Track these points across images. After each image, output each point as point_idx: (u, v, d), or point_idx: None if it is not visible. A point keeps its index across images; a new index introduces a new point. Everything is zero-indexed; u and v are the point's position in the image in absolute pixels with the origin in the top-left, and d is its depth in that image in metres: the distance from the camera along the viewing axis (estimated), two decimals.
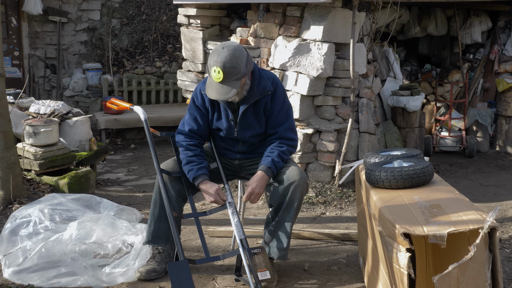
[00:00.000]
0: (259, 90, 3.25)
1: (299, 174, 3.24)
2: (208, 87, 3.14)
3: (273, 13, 5.36)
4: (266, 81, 3.28)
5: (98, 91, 8.58)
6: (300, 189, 3.22)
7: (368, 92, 5.43)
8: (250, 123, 3.33)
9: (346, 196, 5.06)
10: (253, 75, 3.26)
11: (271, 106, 3.31)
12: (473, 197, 5.14)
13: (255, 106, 3.30)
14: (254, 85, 3.24)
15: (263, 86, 3.26)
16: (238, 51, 3.07)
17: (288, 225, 3.27)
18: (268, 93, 3.27)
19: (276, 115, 3.32)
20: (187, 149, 3.35)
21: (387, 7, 5.48)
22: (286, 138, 3.34)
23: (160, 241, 3.42)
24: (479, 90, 7.55)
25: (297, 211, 3.28)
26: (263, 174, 3.24)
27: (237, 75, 3.06)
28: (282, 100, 3.35)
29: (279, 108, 3.32)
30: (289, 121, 3.37)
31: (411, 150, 3.31)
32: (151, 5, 9.64)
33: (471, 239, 2.43)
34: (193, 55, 6.07)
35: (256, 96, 3.25)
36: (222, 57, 3.04)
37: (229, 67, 3.04)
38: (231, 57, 3.04)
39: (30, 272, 3.31)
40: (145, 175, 6.17)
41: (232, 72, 3.05)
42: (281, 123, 3.33)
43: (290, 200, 3.23)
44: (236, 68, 3.05)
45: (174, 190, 3.36)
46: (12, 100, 5.70)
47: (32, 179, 4.90)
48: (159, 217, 3.38)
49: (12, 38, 8.49)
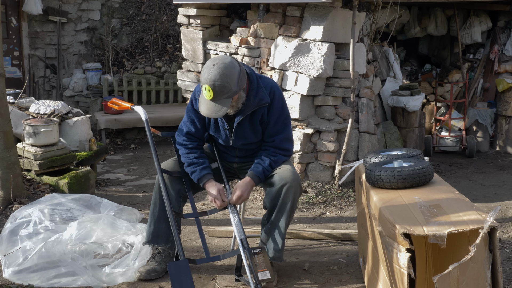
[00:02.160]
0: (256, 102, 3.20)
1: (291, 176, 3.23)
2: (201, 103, 3.11)
3: (273, 13, 5.36)
4: (264, 91, 3.22)
5: (98, 91, 8.58)
6: (292, 190, 3.22)
7: (368, 92, 5.43)
8: (246, 134, 3.31)
9: (346, 196, 5.06)
10: (251, 85, 3.20)
11: (268, 116, 3.28)
12: (473, 197, 5.14)
13: (252, 117, 3.26)
14: (251, 96, 3.19)
15: (260, 97, 3.20)
16: (228, 69, 3.00)
17: (282, 227, 3.27)
18: (265, 105, 3.24)
19: (273, 125, 3.30)
20: (187, 151, 3.35)
21: (387, 7, 5.48)
22: (281, 148, 3.33)
23: (160, 241, 3.42)
24: (479, 90, 7.54)
25: (290, 212, 3.27)
26: (251, 180, 3.27)
27: (227, 94, 3.01)
28: (280, 109, 3.30)
29: (276, 118, 3.29)
30: (286, 130, 3.34)
31: (411, 150, 3.31)
32: (151, 5, 9.63)
33: (471, 239, 2.43)
34: (193, 55, 6.07)
35: (253, 107, 3.20)
36: (212, 76, 2.99)
37: (219, 86, 2.98)
38: (221, 75, 2.98)
39: (30, 272, 3.31)
40: (145, 175, 6.17)
41: (222, 90, 2.99)
42: (278, 133, 3.31)
43: (283, 202, 3.23)
44: (226, 87, 2.99)
45: (174, 190, 3.36)
46: (12, 100, 5.70)
47: (32, 179, 4.90)
48: (159, 217, 3.38)
49: (12, 38, 8.49)
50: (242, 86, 3.09)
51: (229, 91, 3.01)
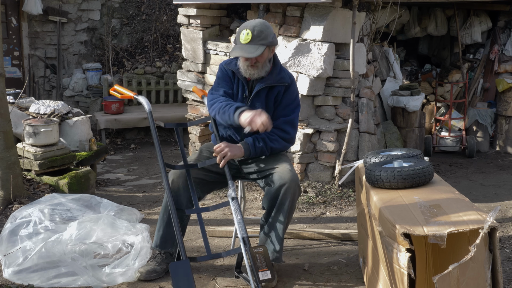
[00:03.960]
0: (277, 78, 3.37)
1: (289, 176, 3.23)
2: (234, 50, 3.28)
3: (273, 13, 5.36)
4: (285, 73, 3.43)
5: (98, 91, 8.58)
6: (290, 191, 3.21)
7: (368, 92, 5.44)
8: (260, 105, 3.37)
9: (346, 196, 5.06)
10: (275, 64, 3.40)
11: (282, 97, 3.40)
12: (473, 197, 5.14)
13: (269, 91, 3.39)
14: (274, 72, 3.37)
15: (282, 76, 3.40)
16: (267, 23, 3.31)
17: (281, 228, 3.26)
18: (285, 83, 3.39)
19: (283, 108, 3.40)
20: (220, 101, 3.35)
21: (387, 7, 5.48)
22: (281, 129, 3.37)
23: (168, 246, 3.44)
24: (479, 90, 7.55)
25: (289, 212, 3.26)
26: (240, 146, 3.28)
27: (264, 40, 3.22)
28: (294, 96, 3.45)
29: (288, 102, 3.41)
30: (292, 116, 3.42)
31: (411, 150, 3.31)
32: (151, 5, 9.63)
33: (471, 239, 2.43)
34: (193, 55, 6.07)
35: (274, 82, 3.36)
36: (253, 22, 3.27)
37: (258, 30, 3.22)
38: (261, 23, 3.26)
39: (30, 272, 3.31)
40: (145, 175, 6.17)
41: (259, 36, 3.21)
42: (284, 116, 3.40)
43: (281, 202, 3.22)
44: (263, 33, 3.22)
45: (184, 188, 3.35)
46: (12, 100, 5.70)
47: (32, 179, 4.90)
48: (168, 222, 3.39)
49: (12, 38, 8.49)
50: (275, 43, 3.31)
51: (265, 38, 3.23)
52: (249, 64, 3.30)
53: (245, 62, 3.32)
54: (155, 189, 5.58)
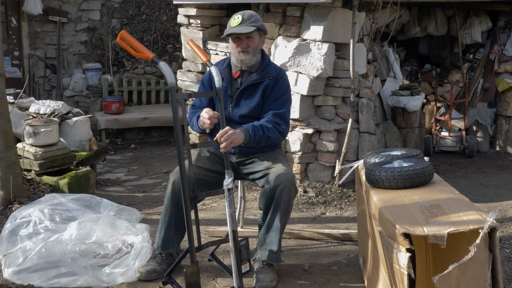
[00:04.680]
0: (262, 74, 3.40)
1: (286, 176, 3.23)
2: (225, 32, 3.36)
3: (273, 13, 5.36)
4: (272, 68, 3.44)
5: (98, 91, 8.58)
6: (286, 191, 3.21)
7: (368, 92, 5.44)
8: (245, 104, 3.39)
9: (346, 196, 5.06)
10: (264, 59, 3.45)
11: (271, 91, 3.40)
12: (473, 197, 5.14)
13: (255, 88, 3.39)
14: (260, 68, 3.42)
15: (267, 71, 3.41)
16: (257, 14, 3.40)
17: (278, 228, 3.26)
18: (270, 77, 3.39)
19: (271, 102, 3.39)
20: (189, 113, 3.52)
21: (387, 7, 5.48)
22: (274, 121, 3.33)
23: (169, 247, 3.44)
24: (479, 90, 7.55)
25: (285, 212, 3.26)
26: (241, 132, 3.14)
27: (255, 23, 3.30)
28: (284, 91, 3.43)
29: (277, 96, 3.39)
30: (283, 110, 3.38)
31: (411, 150, 3.31)
32: (151, 5, 9.64)
33: (471, 239, 2.43)
34: (193, 55, 6.07)
35: (258, 78, 3.38)
36: (243, 11, 3.36)
37: (248, 14, 3.32)
38: (251, 11, 3.37)
39: (30, 272, 3.31)
40: (145, 175, 6.17)
41: (250, 18, 3.30)
42: (274, 109, 3.37)
43: (277, 203, 3.22)
44: (254, 17, 3.32)
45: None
46: (12, 100, 5.70)
47: (32, 179, 4.90)
48: (169, 224, 3.40)
49: (12, 38, 8.49)
50: (264, 30, 3.39)
51: (256, 21, 3.31)
52: (241, 50, 3.33)
53: (236, 49, 3.35)
54: (155, 189, 5.59)
